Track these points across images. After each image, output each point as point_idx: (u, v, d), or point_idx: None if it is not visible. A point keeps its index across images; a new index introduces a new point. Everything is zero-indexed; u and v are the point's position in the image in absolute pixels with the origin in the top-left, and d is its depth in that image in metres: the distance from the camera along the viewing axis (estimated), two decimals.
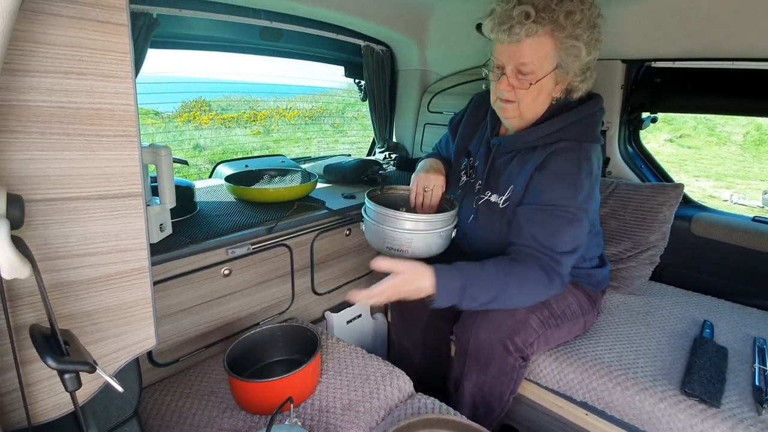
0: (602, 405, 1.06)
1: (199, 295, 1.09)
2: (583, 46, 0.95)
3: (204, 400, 0.97)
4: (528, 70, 0.96)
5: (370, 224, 1.04)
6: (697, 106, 1.61)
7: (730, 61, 1.37)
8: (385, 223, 1.00)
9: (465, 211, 1.16)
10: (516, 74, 0.98)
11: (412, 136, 2.15)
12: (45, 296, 0.39)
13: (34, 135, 0.41)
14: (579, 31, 0.94)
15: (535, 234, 0.97)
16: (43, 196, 0.43)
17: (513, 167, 1.07)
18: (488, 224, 1.10)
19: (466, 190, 1.18)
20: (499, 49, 0.99)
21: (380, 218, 1.01)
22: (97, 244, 0.47)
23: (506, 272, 0.96)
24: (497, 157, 1.12)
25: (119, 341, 0.52)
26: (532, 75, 0.96)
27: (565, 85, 1.02)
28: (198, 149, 6.05)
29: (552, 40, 0.94)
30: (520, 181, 1.03)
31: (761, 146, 9.29)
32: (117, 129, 0.46)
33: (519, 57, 0.95)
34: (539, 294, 0.99)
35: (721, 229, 1.48)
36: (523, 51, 0.94)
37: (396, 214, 1.01)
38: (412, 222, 1.00)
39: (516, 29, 0.92)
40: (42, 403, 0.48)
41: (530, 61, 0.95)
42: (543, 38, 0.94)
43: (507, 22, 0.93)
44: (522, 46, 0.94)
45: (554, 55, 0.96)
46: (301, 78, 5.40)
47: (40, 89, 0.41)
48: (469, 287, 0.93)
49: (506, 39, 0.94)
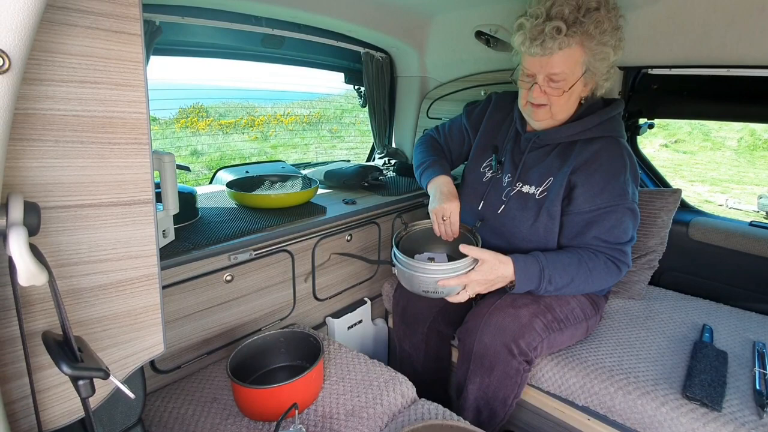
0: (604, 410, 1.06)
1: (201, 301, 1.09)
2: (611, 50, 1.01)
3: (207, 406, 0.97)
4: (560, 78, 1.00)
5: (403, 271, 1.06)
6: (693, 112, 1.63)
7: (725, 68, 1.40)
8: (417, 271, 1.03)
9: (492, 202, 1.18)
10: (548, 82, 1.02)
11: (411, 142, 2.16)
12: (60, 303, 0.39)
13: (49, 143, 0.42)
14: (606, 38, 0.99)
15: (598, 234, 1.05)
16: (56, 203, 0.43)
17: (551, 161, 1.11)
18: (521, 214, 1.13)
19: (492, 184, 1.20)
20: (529, 60, 1.02)
21: (411, 268, 1.03)
22: (108, 250, 0.48)
23: (579, 260, 1.03)
24: (531, 151, 1.15)
25: (129, 347, 0.52)
26: (564, 82, 1.01)
27: (593, 85, 1.08)
28: (196, 155, 6.04)
29: (582, 48, 0.99)
30: (561, 174, 1.08)
31: (755, 151, 9.39)
32: (129, 137, 0.47)
33: (551, 67, 0.99)
34: (610, 281, 1.08)
35: (718, 233, 1.50)
36: (554, 62, 0.99)
37: (425, 266, 1.03)
38: (441, 273, 1.02)
39: (548, 44, 0.96)
40: (52, 410, 0.48)
41: (562, 71, 0.99)
42: (574, 49, 0.98)
43: (539, 38, 0.96)
44: (553, 58, 0.98)
45: (584, 61, 1.01)
46: (299, 84, 5.42)
47: (56, 98, 0.41)
48: (547, 269, 1.01)
49: (539, 53, 0.98)
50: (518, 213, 1.13)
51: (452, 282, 0.99)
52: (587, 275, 1.03)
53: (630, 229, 1.06)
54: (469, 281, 1.00)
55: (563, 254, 1.05)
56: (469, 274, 1.00)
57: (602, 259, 1.05)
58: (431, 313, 1.22)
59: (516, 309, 1.05)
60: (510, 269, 1.01)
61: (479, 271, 1.00)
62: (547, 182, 1.10)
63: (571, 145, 1.10)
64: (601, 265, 1.04)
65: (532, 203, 1.11)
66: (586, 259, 1.04)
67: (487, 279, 1.01)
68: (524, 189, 1.13)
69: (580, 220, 1.06)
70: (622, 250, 1.05)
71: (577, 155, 1.07)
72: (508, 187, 1.16)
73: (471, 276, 1.00)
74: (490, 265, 1.00)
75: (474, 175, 1.25)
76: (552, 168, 1.10)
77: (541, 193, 1.11)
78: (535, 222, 1.10)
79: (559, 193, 1.07)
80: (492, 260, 1.00)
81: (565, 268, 1.03)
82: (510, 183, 1.16)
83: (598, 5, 0.98)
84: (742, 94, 1.43)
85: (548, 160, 1.12)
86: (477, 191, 1.22)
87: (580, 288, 1.05)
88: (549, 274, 1.01)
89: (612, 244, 1.05)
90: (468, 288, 1.01)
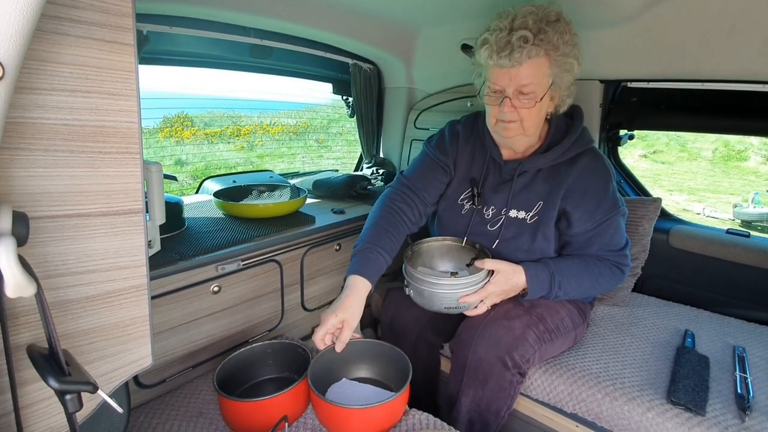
0: (592, 416, 1.07)
1: (187, 312, 1.07)
2: (574, 62, 1.04)
3: (193, 421, 0.94)
4: (529, 90, 1.00)
5: (422, 290, 1.04)
6: (670, 124, 1.69)
7: (699, 83, 1.46)
8: (438, 288, 1.03)
9: (483, 235, 1.17)
10: (518, 95, 1.02)
11: (399, 152, 2.18)
12: (48, 315, 0.38)
13: (37, 152, 0.41)
14: (569, 49, 1.02)
15: (601, 246, 1.11)
16: (44, 213, 0.42)
17: (539, 186, 1.13)
18: (517, 240, 1.13)
19: (473, 217, 1.19)
20: (497, 73, 1.02)
21: (431, 285, 1.03)
22: (97, 261, 0.47)
23: (586, 265, 1.10)
24: (517, 177, 1.15)
25: (116, 360, 0.51)
26: (533, 95, 1.01)
27: (557, 100, 1.10)
28: (180, 164, 5.96)
29: (548, 59, 1.00)
30: (552, 198, 1.10)
31: (729, 161, 9.74)
32: (120, 146, 0.46)
33: (520, 79, 0.99)
34: (615, 283, 1.14)
35: (697, 241, 1.55)
36: (522, 73, 0.99)
37: (447, 281, 1.02)
38: (462, 287, 1.03)
39: (516, 54, 0.96)
40: (35, 426, 0.46)
41: (531, 82, 1.00)
42: (541, 59, 0.99)
43: (506, 48, 0.97)
44: (521, 69, 0.98)
45: (550, 73, 1.02)
46: (286, 94, 5.42)
47: (46, 107, 0.41)
48: (557, 275, 1.06)
49: (507, 64, 0.98)
50: (513, 240, 1.13)
51: (473, 297, 1.02)
52: (594, 279, 1.10)
53: (623, 235, 1.13)
54: (488, 294, 1.03)
55: (570, 260, 1.11)
56: (487, 286, 1.03)
57: (607, 264, 1.11)
58: (420, 323, 1.22)
59: (509, 321, 1.06)
60: (522, 277, 1.05)
61: (495, 282, 1.03)
62: (537, 206, 1.12)
63: (554, 168, 1.12)
64: (606, 270, 1.11)
65: (525, 228, 1.13)
66: (592, 264, 1.10)
67: (503, 290, 1.04)
68: (512, 214, 1.15)
69: (583, 239, 1.11)
70: (622, 254, 1.12)
71: (565, 178, 1.10)
72: (495, 218, 1.17)
73: (488, 288, 1.03)
74: (505, 275, 1.04)
75: (451, 209, 1.24)
76: (541, 193, 1.12)
77: (532, 218, 1.12)
78: (532, 245, 1.12)
79: (552, 217, 1.10)
80: (506, 269, 1.04)
81: (573, 273, 1.08)
82: (496, 213, 1.17)
83: (558, 18, 1.01)
84: (715, 107, 1.49)
85: (536, 186, 1.13)
86: (459, 223, 1.21)
87: (588, 291, 1.12)
88: (559, 280, 1.06)
89: (614, 251, 1.12)
90: (486, 300, 1.04)
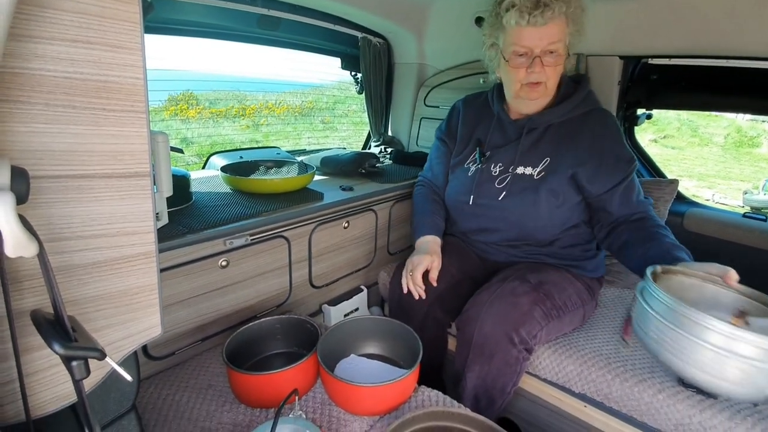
0: (601, 397, 1.07)
1: (196, 286, 1.06)
2: (583, 24, 1.09)
3: (202, 393, 0.95)
4: (555, 48, 1.04)
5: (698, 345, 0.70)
6: (691, 102, 1.63)
7: (724, 59, 1.40)
8: None
9: (486, 192, 1.20)
10: (546, 54, 1.05)
11: (408, 131, 2.14)
12: (52, 277, 0.36)
13: (38, 106, 0.39)
14: (579, 12, 1.07)
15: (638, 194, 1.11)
16: (46, 172, 0.40)
17: (547, 141, 1.15)
18: (522, 196, 1.14)
19: (480, 175, 1.21)
20: (527, 34, 1.04)
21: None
22: (103, 225, 0.45)
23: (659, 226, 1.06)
24: (527, 134, 1.17)
25: (124, 329, 0.49)
26: (558, 54, 1.06)
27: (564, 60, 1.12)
28: (186, 143, 5.94)
29: (566, 19, 1.05)
30: (559, 152, 1.13)
31: (741, 147, 9.55)
32: (125, 104, 0.44)
33: (550, 37, 1.03)
34: None
35: (713, 224, 1.51)
36: (553, 31, 1.03)
37: None
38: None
39: (548, 12, 1.00)
40: (41, 394, 0.45)
41: (558, 39, 1.04)
42: (563, 19, 1.04)
43: (538, 7, 1.01)
44: (551, 27, 1.02)
45: (567, 33, 1.07)
46: (291, 73, 5.34)
47: (46, 57, 0.38)
48: None
49: (541, 21, 1.01)
50: (519, 196, 1.15)
51: None
52: None
53: None
54: None
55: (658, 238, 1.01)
56: None
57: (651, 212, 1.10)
58: (428, 302, 1.20)
59: (516, 297, 1.04)
60: None
61: None
62: (544, 162, 1.14)
63: (564, 124, 1.15)
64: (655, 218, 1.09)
65: (530, 183, 1.14)
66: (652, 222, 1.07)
67: None
68: (519, 170, 1.16)
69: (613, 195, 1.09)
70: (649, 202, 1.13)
71: (575, 134, 1.12)
72: (502, 174, 1.18)
73: None
74: None
75: (458, 173, 1.28)
76: (549, 149, 1.14)
77: (539, 174, 1.13)
78: (536, 201, 1.12)
79: (561, 173, 1.11)
80: None
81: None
82: (504, 170, 1.18)
83: None
84: (740, 85, 1.43)
85: (544, 142, 1.15)
86: (465, 187, 1.24)
87: None
88: None
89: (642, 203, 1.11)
90: None
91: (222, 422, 0.86)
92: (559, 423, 1.15)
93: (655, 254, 0.97)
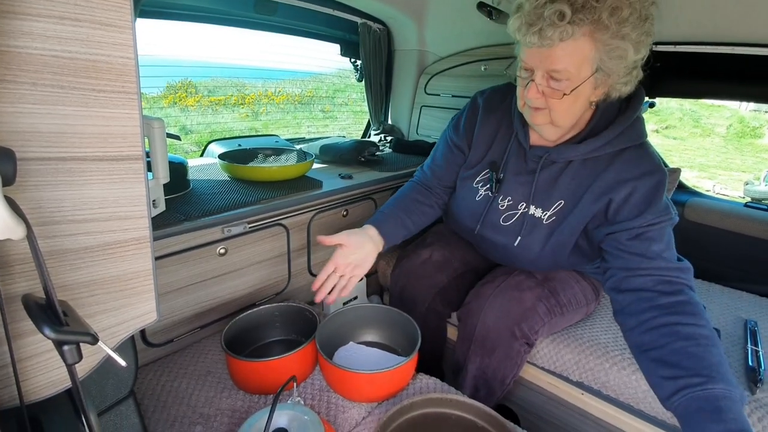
0: (598, 385, 1.07)
1: (194, 274, 1.06)
2: (630, 46, 0.78)
3: (201, 380, 0.95)
4: (562, 77, 0.81)
5: None
6: (696, 90, 1.61)
7: (730, 46, 1.37)
8: None
9: (496, 229, 1.04)
10: (547, 80, 0.83)
11: (408, 119, 2.11)
12: (41, 260, 0.35)
13: (25, 85, 0.37)
14: (627, 30, 0.77)
15: (660, 251, 0.83)
16: (35, 154, 0.39)
17: (565, 181, 0.95)
18: (530, 240, 1.00)
19: (488, 204, 1.05)
20: (528, 52, 0.83)
21: None
22: (95, 209, 0.44)
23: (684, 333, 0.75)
24: (542, 169, 0.98)
25: (119, 315, 0.49)
26: (568, 83, 0.81)
27: (606, 88, 0.86)
28: (185, 132, 5.90)
29: (592, 42, 0.78)
30: (577, 196, 0.93)
31: (743, 138, 9.50)
32: (115, 84, 0.42)
33: (552, 63, 0.80)
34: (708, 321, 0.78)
35: (714, 214, 1.50)
36: (556, 56, 0.79)
37: None
38: None
39: (548, 32, 0.76)
40: (35, 380, 0.45)
41: (564, 68, 0.79)
42: (581, 41, 0.77)
43: (537, 24, 0.77)
44: (555, 50, 0.78)
45: (594, 58, 0.79)
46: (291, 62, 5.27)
47: (32, 34, 0.37)
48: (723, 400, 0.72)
49: (535, 42, 0.78)
50: (528, 239, 1.00)
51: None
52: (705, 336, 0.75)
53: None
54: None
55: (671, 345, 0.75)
56: None
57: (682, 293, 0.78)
58: (430, 294, 1.20)
59: (520, 292, 1.03)
60: None
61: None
62: (557, 206, 0.96)
63: (588, 162, 0.92)
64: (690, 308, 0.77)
65: (540, 228, 0.98)
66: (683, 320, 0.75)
67: None
68: (530, 211, 0.99)
69: (627, 237, 0.85)
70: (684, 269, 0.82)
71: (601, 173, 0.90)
72: (510, 211, 1.02)
73: None
74: None
75: (466, 190, 1.10)
76: (566, 190, 0.94)
77: (549, 218, 0.97)
78: (544, 248, 0.99)
79: (574, 222, 0.94)
80: None
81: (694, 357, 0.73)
82: (512, 206, 1.02)
83: None
84: (747, 73, 1.41)
85: (562, 181, 0.95)
86: (472, 210, 1.09)
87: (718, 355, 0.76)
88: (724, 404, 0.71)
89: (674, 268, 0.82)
90: None
91: (221, 408, 0.87)
92: (556, 410, 1.15)
93: None
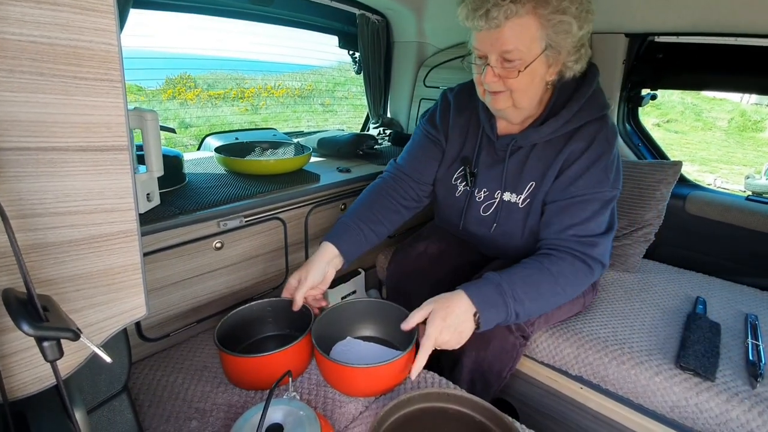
0: (597, 379, 1.06)
1: (189, 268, 1.05)
2: (573, 20, 0.84)
3: (197, 375, 0.94)
4: (514, 56, 0.85)
5: None
6: (699, 82, 1.59)
7: (733, 37, 1.35)
8: None
9: (475, 219, 1.08)
10: (501, 63, 0.87)
11: (407, 112, 2.09)
12: (18, 252, 0.34)
13: (2, 72, 0.36)
14: (566, 4, 0.83)
15: (570, 224, 0.92)
16: (14, 144, 0.38)
17: (533, 163, 0.99)
18: (509, 227, 1.03)
19: (467, 198, 1.09)
20: (478, 37, 0.87)
21: None
22: (78, 201, 0.43)
23: (540, 267, 0.89)
24: (511, 155, 1.02)
25: (106, 309, 0.48)
26: (520, 61, 0.85)
27: (559, 66, 0.92)
28: (184, 126, 5.88)
29: (536, 18, 0.83)
30: (544, 175, 0.97)
31: (744, 132, 9.45)
32: (98, 72, 0.41)
33: (502, 44, 0.84)
34: (582, 283, 0.92)
35: (715, 207, 1.49)
36: (505, 36, 0.83)
37: None
38: None
39: (493, 13, 0.81)
40: (20, 376, 0.44)
41: (515, 47, 0.84)
42: (526, 19, 0.82)
43: (482, 7, 0.82)
44: (503, 31, 0.83)
45: (542, 35, 0.85)
46: (290, 55, 5.23)
47: (8, 19, 0.35)
48: (504, 284, 0.86)
49: (484, 25, 0.83)
50: (507, 226, 1.04)
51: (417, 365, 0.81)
52: (553, 281, 0.89)
53: (603, 222, 0.94)
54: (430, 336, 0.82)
55: (517, 266, 0.91)
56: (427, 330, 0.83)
57: (568, 259, 0.91)
58: (426, 288, 1.19)
59: None
60: (464, 300, 0.85)
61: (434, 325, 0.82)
62: (528, 188, 1.00)
63: (551, 143, 0.97)
64: (567, 267, 0.90)
65: (516, 212, 1.02)
66: (548, 263, 0.90)
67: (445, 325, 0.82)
68: (506, 197, 1.03)
69: (551, 211, 0.95)
70: (592, 242, 0.92)
71: (559, 153, 0.95)
72: (487, 201, 1.06)
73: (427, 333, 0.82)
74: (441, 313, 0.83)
75: (446, 188, 1.14)
76: (534, 172, 0.99)
77: (524, 201, 1.01)
78: (524, 232, 1.03)
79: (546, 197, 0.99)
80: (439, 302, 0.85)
81: (525, 279, 0.88)
82: (489, 196, 1.06)
83: None
84: (751, 64, 1.39)
85: (529, 164, 1.00)
86: (454, 207, 1.12)
87: (552, 300, 0.91)
88: (510, 290, 0.86)
89: (581, 237, 0.92)
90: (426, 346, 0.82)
91: (216, 403, 0.86)
92: (554, 404, 1.15)
93: None
